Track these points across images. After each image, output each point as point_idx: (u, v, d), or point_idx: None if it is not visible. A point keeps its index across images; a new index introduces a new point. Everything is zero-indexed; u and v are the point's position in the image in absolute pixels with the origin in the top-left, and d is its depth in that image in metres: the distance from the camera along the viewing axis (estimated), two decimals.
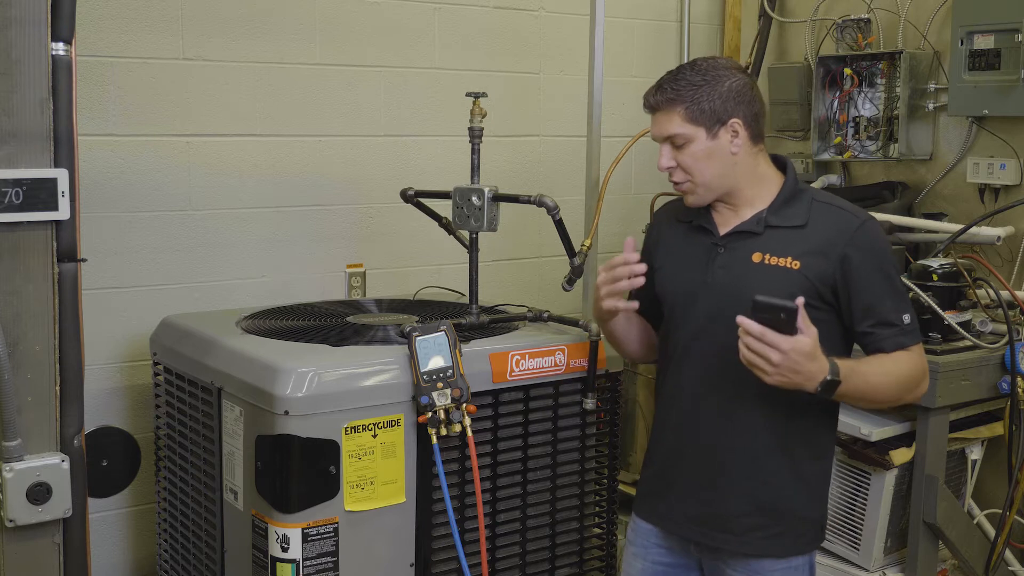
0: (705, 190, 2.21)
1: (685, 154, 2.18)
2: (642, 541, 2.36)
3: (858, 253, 2.14)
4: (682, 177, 2.21)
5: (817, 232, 2.17)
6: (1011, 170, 3.36)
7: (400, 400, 2.38)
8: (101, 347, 3.04)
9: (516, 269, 3.83)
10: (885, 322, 2.15)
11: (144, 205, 3.10)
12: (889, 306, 2.16)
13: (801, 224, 2.18)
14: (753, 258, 2.18)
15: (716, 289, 2.20)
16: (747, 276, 2.17)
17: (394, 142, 3.52)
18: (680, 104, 2.16)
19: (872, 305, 2.15)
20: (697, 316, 2.23)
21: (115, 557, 3.16)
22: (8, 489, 2.16)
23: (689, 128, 2.16)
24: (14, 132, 2.13)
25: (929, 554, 2.91)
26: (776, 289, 2.08)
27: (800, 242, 2.17)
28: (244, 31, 3.21)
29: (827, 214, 2.20)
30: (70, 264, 2.23)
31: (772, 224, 2.19)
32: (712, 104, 2.15)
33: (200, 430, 2.61)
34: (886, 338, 2.16)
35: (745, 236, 2.21)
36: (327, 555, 2.32)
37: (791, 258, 2.15)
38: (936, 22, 3.57)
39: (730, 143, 2.18)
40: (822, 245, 2.16)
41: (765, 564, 2.21)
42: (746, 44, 4.22)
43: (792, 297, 1.98)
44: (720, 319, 2.16)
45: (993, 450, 3.14)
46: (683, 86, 2.16)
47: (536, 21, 3.81)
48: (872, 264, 2.15)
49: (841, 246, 2.15)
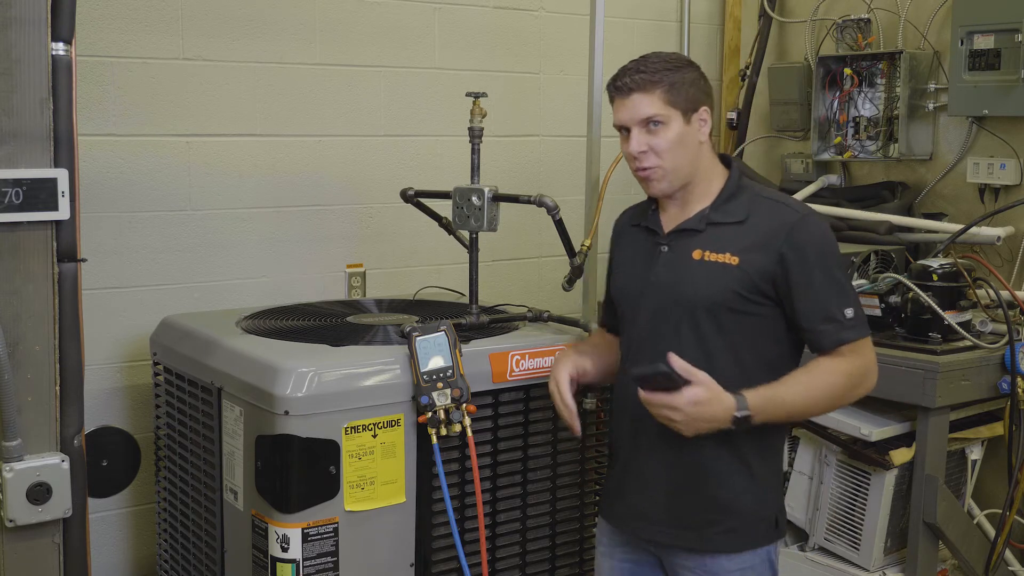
0: (674, 177, 2.19)
1: (659, 138, 2.15)
2: (607, 540, 2.36)
3: (796, 247, 2.11)
4: (654, 162, 2.17)
5: (757, 227, 2.16)
6: (1011, 170, 3.36)
7: (400, 400, 2.38)
8: (101, 347, 3.04)
9: (516, 269, 3.83)
10: (826, 317, 2.12)
11: (144, 205, 3.10)
12: (829, 301, 2.12)
13: (741, 220, 2.18)
14: (694, 255, 2.18)
15: (659, 288, 2.21)
16: (688, 274, 2.18)
17: (394, 142, 3.52)
18: (658, 86, 2.14)
19: (812, 300, 2.12)
20: (643, 316, 2.24)
21: (115, 557, 3.16)
22: (8, 489, 2.16)
23: (667, 110, 2.14)
24: (14, 132, 2.14)
25: (929, 554, 2.91)
26: (715, 285, 2.12)
27: (740, 238, 2.16)
28: (244, 31, 3.21)
29: (767, 209, 2.18)
30: (70, 264, 2.23)
31: (713, 221, 2.19)
32: (687, 90, 2.16)
33: (200, 430, 2.61)
34: (826, 334, 2.12)
35: (688, 234, 2.21)
36: (327, 555, 2.32)
37: (730, 254, 2.15)
38: (936, 22, 3.57)
39: (699, 131, 2.19)
40: (761, 240, 2.14)
41: (721, 561, 2.19)
42: (746, 44, 4.22)
43: (731, 293, 2.08)
44: (664, 318, 2.19)
45: (993, 450, 3.14)
46: (659, 68, 2.15)
47: (536, 21, 3.81)
48: (811, 258, 2.12)
49: (780, 240, 2.13)
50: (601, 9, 3.12)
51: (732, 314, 2.13)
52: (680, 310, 2.16)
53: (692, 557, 2.21)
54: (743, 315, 2.14)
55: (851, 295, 2.16)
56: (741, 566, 2.19)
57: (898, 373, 2.82)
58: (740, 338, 2.14)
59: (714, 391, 2.03)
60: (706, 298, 2.14)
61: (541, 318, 2.80)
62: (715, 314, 2.14)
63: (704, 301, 2.14)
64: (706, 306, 2.14)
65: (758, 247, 2.13)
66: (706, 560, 2.20)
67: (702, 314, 2.15)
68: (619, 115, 2.20)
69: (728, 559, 2.19)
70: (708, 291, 2.14)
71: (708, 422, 2.05)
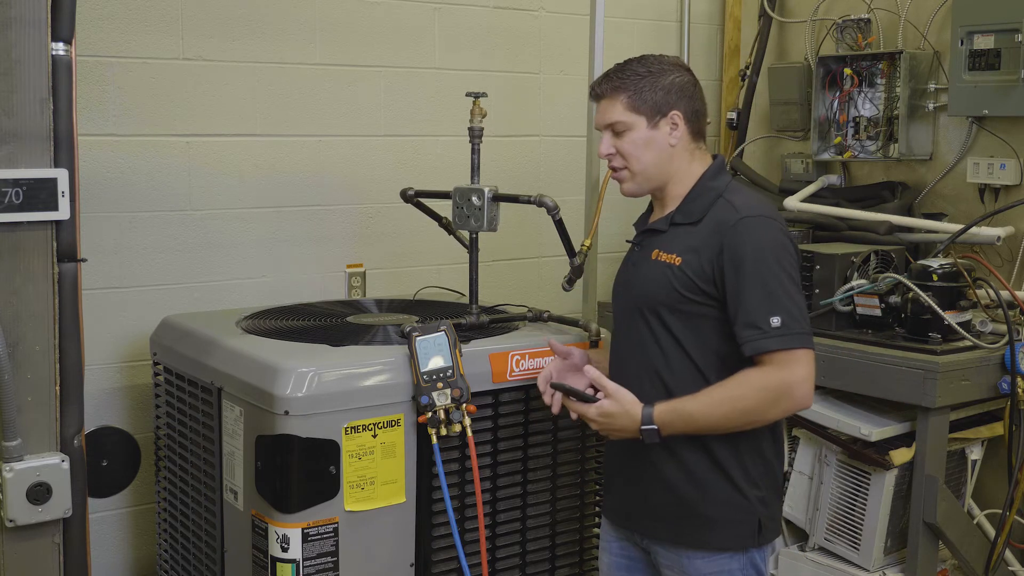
0: (643, 179, 2.26)
1: (625, 141, 2.24)
2: (605, 535, 2.44)
3: (730, 248, 2.11)
4: (620, 163, 2.26)
5: (704, 228, 2.19)
6: (1011, 170, 3.36)
7: (400, 400, 2.38)
8: (101, 347, 3.04)
9: (516, 269, 3.83)
10: (748, 323, 2.08)
11: (144, 205, 3.10)
12: (755, 307, 2.07)
13: (695, 220, 2.21)
14: (652, 256, 2.25)
15: (626, 287, 2.32)
16: (643, 274, 2.26)
17: (394, 142, 3.52)
18: (623, 93, 2.23)
19: (738, 304, 2.09)
20: (618, 313, 2.35)
21: (115, 557, 3.16)
22: (8, 489, 2.16)
23: (630, 116, 2.22)
24: (14, 132, 2.14)
25: (929, 554, 2.91)
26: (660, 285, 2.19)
27: (688, 238, 2.20)
28: (244, 31, 3.21)
29: (719, 209, 2.19)
30: (70, 264, 2.23)
31: (675, 221, 2.25)
32: (654, 95, 2.21)
33: (200, 430, 2.61)
34: (747, 341, 2.08)
35: (653, 234, 2.28)
36: (327, 555, 2.32)
37: (675, 254, 2.20)
38: (936, 22, 3.57)
39: (669, 135, 2.23)
40: (703, 240, 2.17)
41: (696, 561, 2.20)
42: (746, 44, 4.22)
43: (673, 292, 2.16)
44: (628, 317, 2.28)
45: (993, 450, 3.14)
46: (627, 75, 2.24)
47: (536, 21, 3.81)
48: (742, 261, 2.09)
49: (718, 243, 2.14)
50: (601, 9, 3.13)
51: (676, 314, 2.18)
52: (638, 309, 2.25)
53: (669, 555, 2.25)
54: (687, 315, 2.17)
55: (784, 303, 2.07)
56: (718, 569, 2.20)
57: (898, 373, 2.82)
58: (690, 337, 2.18)
59: (624, 405, 2.17)
60: (652, 297, 2.21)
61: (541, 318, 2.80)
62: (660, 314, 2.20)
63: (651, 300, 2.22)
64: (652, 306, 2.21)
65: (699, 248, 2.17)
66: (682, 559, 2.22)
67: (651, 314, 2.22)
68: (595, 118, 2.32)
69: (704, 560, 2.20)
70: (654, 291, 2.21)
71: (620, 431, 2.20)
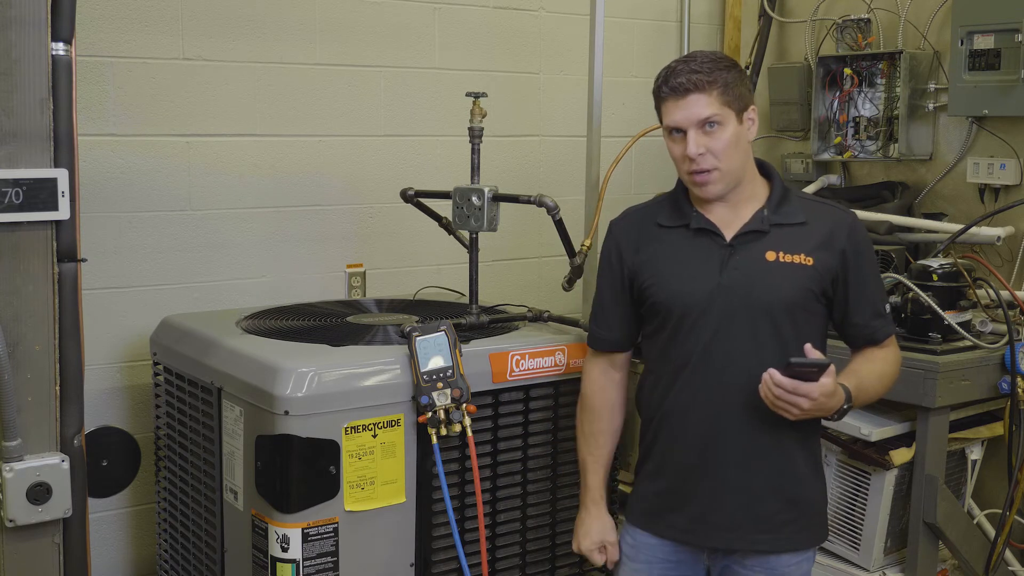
0: (730, 178, 2.17)
1: (715, 139, 2.11)
2: (646, 556, 2.31)
3: (855, 247, 2.22)
4: (712, 163, 2.12)
5: (818, 228, 2.21)
6: (1011, 170, 3.36)
7: (400, 400, 2.38)
8: (101, 347, 3.04)
9: (516, 269, 3.83)
10: (876, 313, 2.26)
11: (144, 205, 3.10)
12: (879, 297, 2.27)
13: (803, 221, 2.21)
14: (767, 257, 2.18)
15: (731, 290, 2.17)
16: (764, 275, 2.17)
17: (394, 142, 3.52)
18: (716, 85, 2.10)
19: (868, 296, 2.24)
20: (713, 319, 2.17)
21: (115, 557, 3.16)
22: (8, 489, 2.16)
23: (724, 111, 2.11)
24: (14, 132, 2.14)
25: (929, 554, 2.91)
26: (793, 286, 2.15)
27: (807, 239, 2.20)
28: (244, 31, 3.21)
29: (819, 211, 2.26)
30: (70, 264, 2.23)
31: (776, 222, 2.20)
32: (740, 89, 2.14)
33: (200, 430, 2.61)
34: (879, 328, 2.26)
35: (755, 235, 2.20)
36: (327, 555, 2.32)
37: (803, 255, 2.18)
38: (936, 22, 3.57)
39: (749, 131, 2.19)
40: (825, 240, 2.20)
41: (784, 558, 2.23)
42: (746, 44, 4.22)
43: (808, 292, 2.16)
44: (737, 319, 2.17)
45: (993, 450, 3.14)
46: (714, 68, 2.11)
47: (536, 21, 3.81)
48: (866, 257, 2.24)
49: (841, 241, 2.20)
50: (601, 9, 3.12)
51: (805, 313, 2.19)
52: (755, 312, 2.16)
53: (756, 556, 2.23)
54: (811, 314, 2.20)
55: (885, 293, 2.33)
56: (799, 559, 2.26)
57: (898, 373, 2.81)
58: (811, 336, 2.18)
59: (837, 383, 2.10)
60: (785, 299, 2.16)
61: (541, 318, 2.80)
62: (792, 314, 2.17)
63: (782, 302, 2.16)
64: (784, 306, 2.16)
65: (824, 247, 2.19)
66: (770, 558, 2.22)
67: (780, 314, 2.16)
68: (673, 116, 2.14)
69: (791, 555, 2.24)
70: (787, 292, 2.16)
71: (823, 411, 2.11)
